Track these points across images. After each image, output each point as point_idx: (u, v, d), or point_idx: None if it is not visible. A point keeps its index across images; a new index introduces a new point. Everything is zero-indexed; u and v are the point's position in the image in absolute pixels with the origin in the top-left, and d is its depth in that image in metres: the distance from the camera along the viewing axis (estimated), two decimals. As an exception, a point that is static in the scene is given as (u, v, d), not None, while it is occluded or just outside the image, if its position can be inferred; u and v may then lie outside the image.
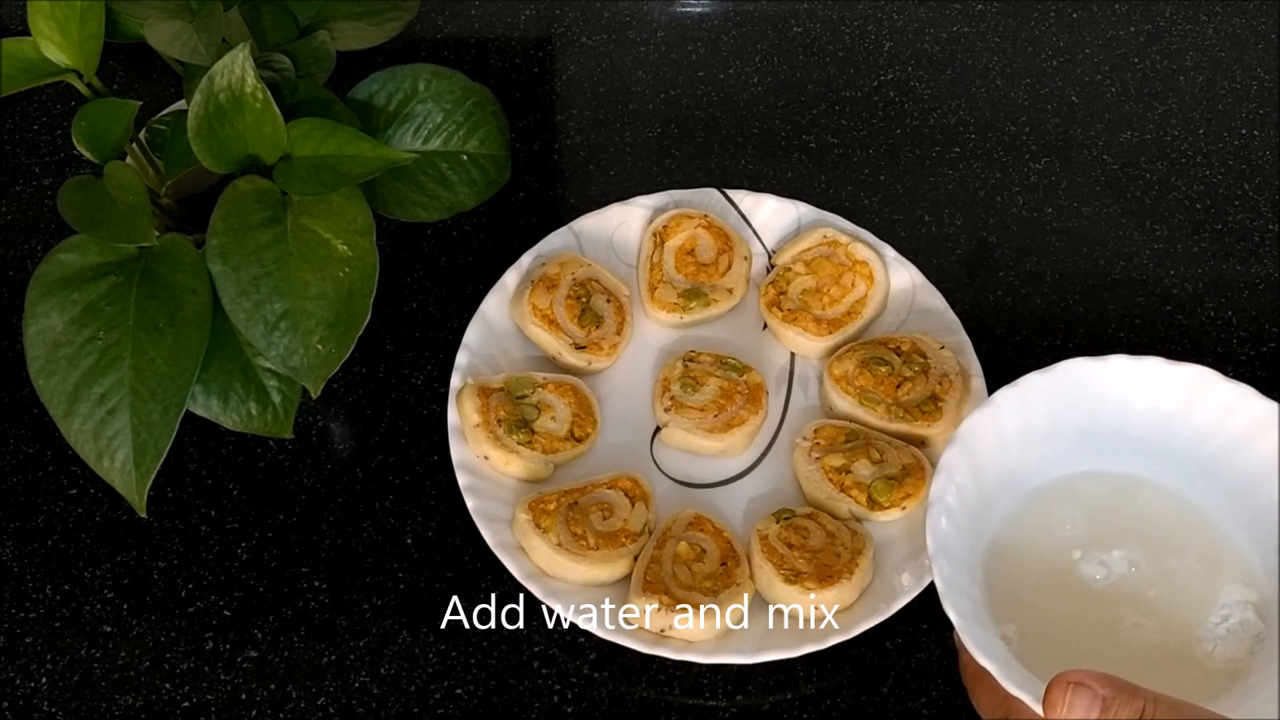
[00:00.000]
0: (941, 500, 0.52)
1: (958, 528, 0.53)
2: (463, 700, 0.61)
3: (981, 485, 0.54)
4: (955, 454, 0.53)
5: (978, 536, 0.54)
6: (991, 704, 0.51)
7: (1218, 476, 0.55)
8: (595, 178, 0.81)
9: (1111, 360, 0.55)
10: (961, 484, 0.53)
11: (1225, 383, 0.54)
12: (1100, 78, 0.87)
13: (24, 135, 0.82)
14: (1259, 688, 0.49)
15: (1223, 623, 0.52)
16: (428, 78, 0.69)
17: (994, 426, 0.55)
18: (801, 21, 0.90)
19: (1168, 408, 0.55)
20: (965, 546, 0.53)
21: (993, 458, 0.54)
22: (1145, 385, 0.55)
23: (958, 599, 0.50)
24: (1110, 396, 0.56)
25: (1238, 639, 0.52)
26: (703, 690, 0.62)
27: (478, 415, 0.65)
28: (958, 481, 0.53)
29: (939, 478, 0.53)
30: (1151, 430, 0.55)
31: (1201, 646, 0.52)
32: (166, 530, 0.66)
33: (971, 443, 0.54)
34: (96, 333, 0.60)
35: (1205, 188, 0.81)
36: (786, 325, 0.71)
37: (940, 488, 0.53)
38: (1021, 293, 0.76)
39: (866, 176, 0.81)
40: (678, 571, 0.62)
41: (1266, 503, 0.53)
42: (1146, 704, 0.43)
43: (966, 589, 0.51)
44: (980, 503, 0.54)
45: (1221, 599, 0.53)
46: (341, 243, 0.61)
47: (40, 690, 0.61)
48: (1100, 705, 0.43)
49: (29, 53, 0.63)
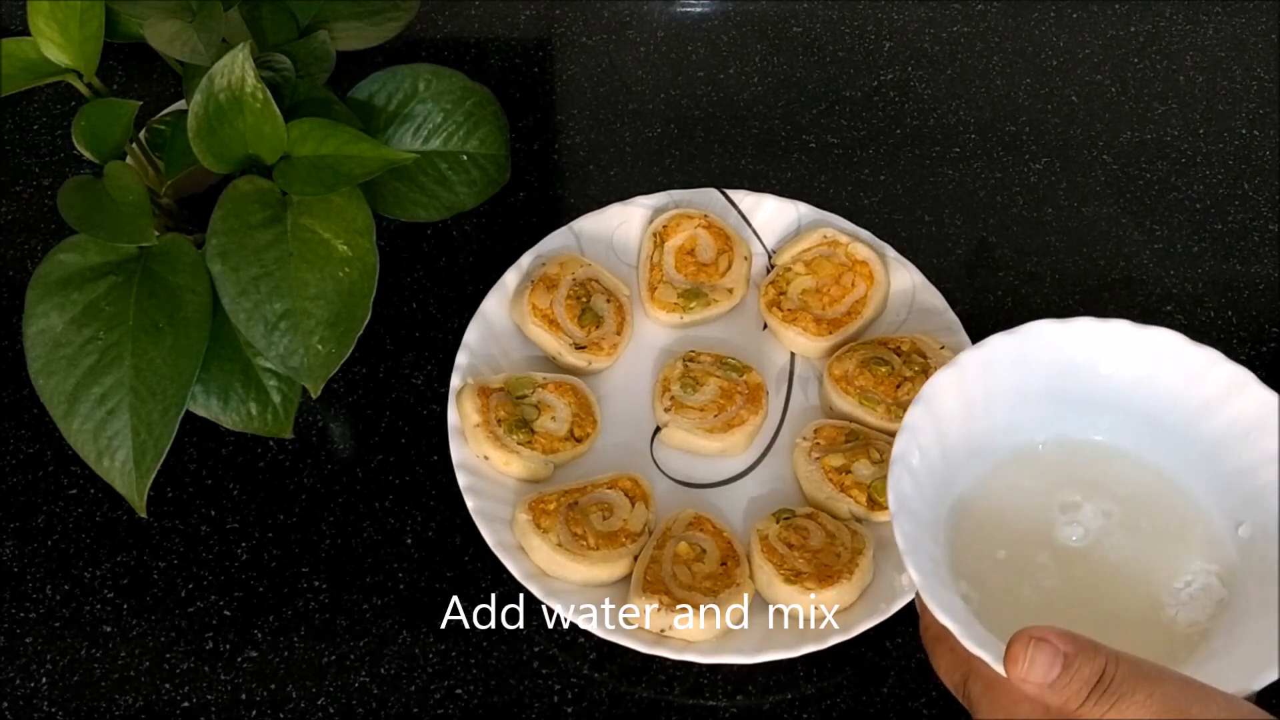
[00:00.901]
0: (904, 459, 0.51)
1: (920, 488, 0.51)
2: (463, 700, 0.61)
3: (946, 446, 0.53)
4: (919, 413, 0.52)
5: (941, 497, 0.53)
6: (951, 665, 0.50)
7: (1185, 440, 0.54)
8: (595, 178, 0.81)
9: (1077, 322, 0.54)
10: (925, 444, 0.52)
11: (1192, 346, 0.53)
12: (1100, 78, 0.87)
13: (24, 135, 0.82)
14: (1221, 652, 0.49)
15: (1186, 588, 0.52)
16: (428, 78, 0.69)
17: (959, 387, 0.53)
18: (801, 21, 0.90)
19: (1135, 372, 0.54)
20: (928, 506, 0.52)
21: (957, 418, 0.53)
22: (1112, 348, 0.54)
23: (919, 558, 0.49)
24: (1077, 359, 0.54)
25: (1201, 604, 0.51)
26: (703, 690, 0.62)
27: (478, 415, 0.65)
28: (921, 441, 0.52)
29: (902, 436, 0.52)
30: (1118, 394, 0.54)
31: (1166, 611, 0.51)
32: (166, 530, 0.66)
33: (935, 403, 0.53)
34: (96, 333, 0.60)
35: (1205, 188, 0.81)
36: (786, 325, 0.71)
37: (903, 446, 0.51)
38: (1021, 293, 0.76)
39: (866, 176, 0.81)
40: (678, 571, 0.62)
41: (1233, 468, 0.52)
42: (1109, 662, 0.43)
43: (929, 548, 0.50)
44: (944, 463, 0.53)
45: (1187, 564, 0.52)
46: (341, 243, 0.61)
47: (40, 690, 0.61)
48: (1062, 661, 0.43)
49: (29, 53, 0.63)
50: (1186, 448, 0.54)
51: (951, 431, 0.53)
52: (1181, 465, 0.54)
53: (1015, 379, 0.54)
